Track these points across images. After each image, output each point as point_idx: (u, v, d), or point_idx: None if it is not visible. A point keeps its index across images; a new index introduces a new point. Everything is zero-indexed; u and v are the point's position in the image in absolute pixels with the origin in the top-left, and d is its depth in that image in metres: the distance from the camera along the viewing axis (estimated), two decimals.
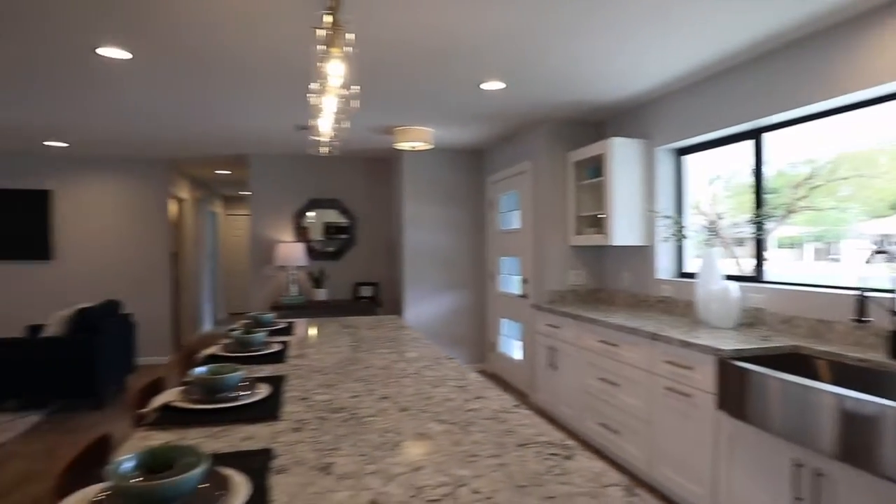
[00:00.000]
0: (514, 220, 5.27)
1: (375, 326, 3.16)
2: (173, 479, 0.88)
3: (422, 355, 2.32)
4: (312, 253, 6.05)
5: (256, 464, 1.17)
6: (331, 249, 6.13)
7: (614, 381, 3.36)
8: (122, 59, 3.01)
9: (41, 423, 4.19)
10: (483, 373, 5.69)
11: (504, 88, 3.62)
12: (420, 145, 4.88)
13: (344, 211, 6.15)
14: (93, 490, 1.00)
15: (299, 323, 3.36)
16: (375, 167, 6.31)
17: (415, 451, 1.25)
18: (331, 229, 6.14)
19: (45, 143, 5.31)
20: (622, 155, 3.93)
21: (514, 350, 5.33)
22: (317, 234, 6.10)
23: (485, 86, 3.55)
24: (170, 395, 1.61)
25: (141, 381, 5.42)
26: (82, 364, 4.43)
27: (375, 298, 6.01)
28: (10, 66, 3.10)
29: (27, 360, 4.37)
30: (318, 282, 5.87)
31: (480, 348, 6.00)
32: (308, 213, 6.07)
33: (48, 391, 4.42)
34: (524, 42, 2.79)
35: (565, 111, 4.25)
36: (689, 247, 3.88)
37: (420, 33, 2.65)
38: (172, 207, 6.59)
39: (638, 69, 3.25)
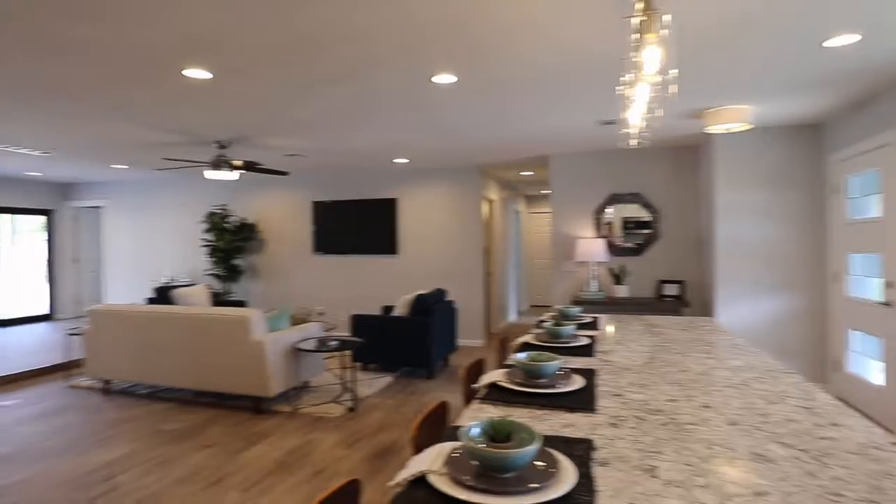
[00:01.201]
0: (872, 208, 4.16)
1: (687, 328, 2.92)
2: (517, 450, 0.98)
3: (749, 364, 2.04)
4: (613, 249, 5.97)
5: (579, 451, 1.22)
6: (632, 245, 5.94)
7: None
8: (449, 84, 3.52)
9: (392, 384, 5.25)
10: None
11: (858, 41, 2.89)
12: (736, 126, 4.29)
13: (646, 205, 5.88)
14: (447, 446, 1.19)
15: (603, 319, 3.36)
16: (680, 156, 5.83)
17: (753, 473, 1.10)
18: (631, 224, 5.95)
19: (394, 160, 6.63)
20: None
21: (873, 372, 4.22)
22: (617, 230, 5.99)
23: (830, 42, 2.90)
24: (496, 375, 1.80)
25: (465, 360, 6.28)
26: (419, 340, 5.37)
27: (681, 298, 5.57)
28: (368, 102, 3.96)
29: (383, 333, 5.53)
30: (618, 278, 5.77)
31: (819, 365, 4.95)
32: (608, 209, 6.02)
33: (396, 359, 5.50)
34: None
35: None
36: None
37: None
38: (484, 208, 7.40)
39: None
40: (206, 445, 3.69)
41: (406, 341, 5.44)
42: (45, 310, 9.36)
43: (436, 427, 1.68)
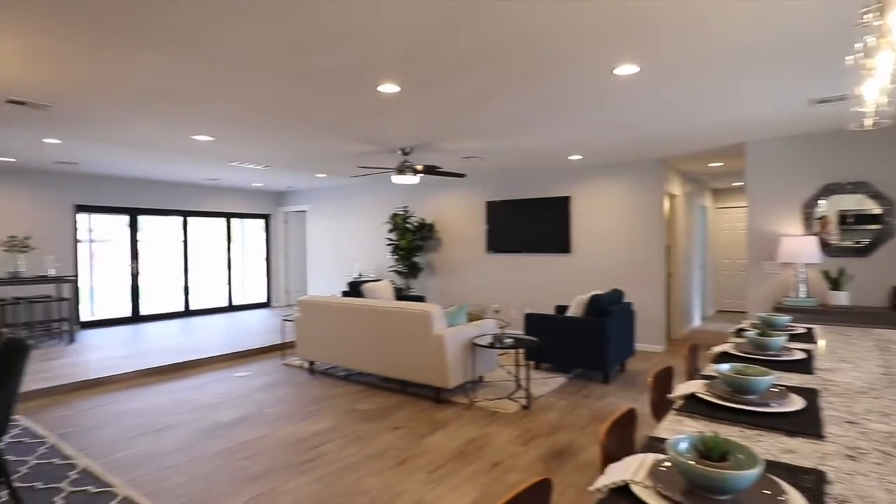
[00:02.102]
0: None
1: None
2: (738, 472, 0.89)
3: None
4: (827, 248, 5.11)
5: (807, 482, 1.07)
6: (853, 244, 5.02)
7: None
8: (631, 74, 3.33)
9: (565, 385, 5.17)
10: None
11: None
12: None
13: (874, 195, 4.91)
14: (650, 458, 1.14)
15: (819, 330, 2.89)
16: None
17: None
18: (851, 219, 5.02)
19: (569, 157, 6.51)
20: None
21: None
22: (832, 226, 5.11)
23: None
24: (694, 386, 1.67)
25: (645, 366, 5.93)
26: (595, 342, 5.20)
27: None
28: (546, 103, 3.93)
29: (557, 333, 5.47)
30: (835, 283, 4.92)
31: None
32: (820, 201, 5.16)
33: (570, 360, 5.40)
34: None
35: None
36: None
37: None
38: (665, 203, 6.87)
39: None
40: (394, 427, 4.03)
41: (581, 343, 5.31)
42: (263, 298, 11.10)
43: (624, 434, 1.62)
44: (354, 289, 7.03)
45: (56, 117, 4.38)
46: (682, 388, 1.67)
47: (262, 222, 11.11)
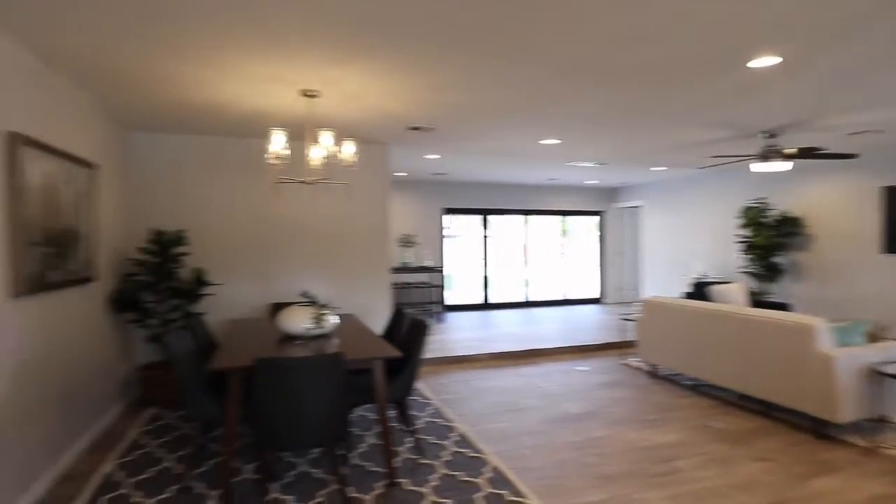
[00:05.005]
0: None
1: None
2: None
3: None
4: None
5: None
6: None
7: None
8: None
9: None
10: None
11: None
12: None
13: None
14: None
15: None
16: None
17: None
18: None
19: None
20: None
21: None
22: None
23: None
24: None
25: None
26: None
27: None
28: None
29: None
30: None
31: None
32: None
33: None
34: None
35: None
36: None
37: None
38: None
39: None
40: (761, 458, 3.46)
41: None
42: (595, 294, 11.24)
43: None
44: (699, 290, 6.40)
45: (438, 137, 5.30)
46: None
47: (594, 219, 11.26)
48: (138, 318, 4.49)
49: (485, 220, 10.39)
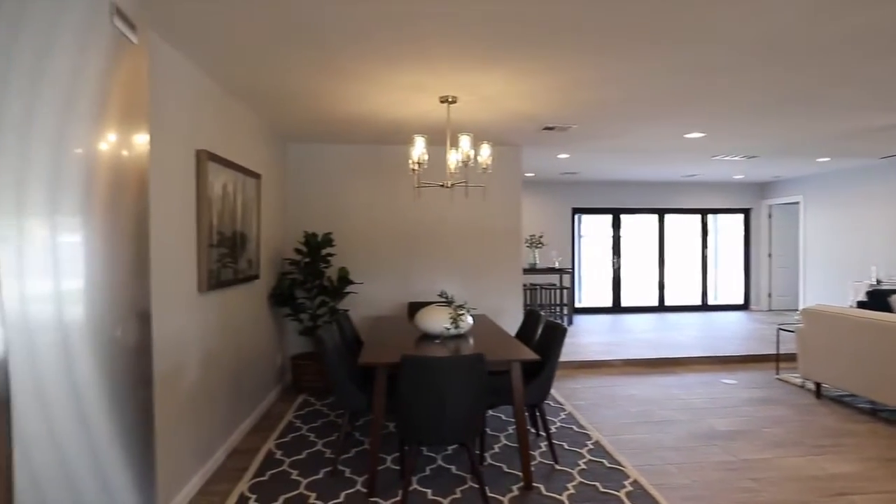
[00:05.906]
0: None
1: None
2: None
3: None
4: None
5: None
6: None
7: None
8: None
9: None
10: None
11: None
12: None
13: None
14: None
15: None
16: None
17: None
18: None
19: None
20: None
21: None
22: None
23: None
24: None
25: None
26: None
27: None
28: None
29: None
30: None
31: None
32: None
33: None
34: None
35: None
36: None
37: None
38: None
39: None
40: None
41: None
42: (740, 300, 10.24)
43: None
44: (879, 299, 5.55)
45: (573, 136, 5.17)
46: None
47: (740, 217, 10.26)
48: (292, 312, 4.96)
49: (616, 220, 9.95)
